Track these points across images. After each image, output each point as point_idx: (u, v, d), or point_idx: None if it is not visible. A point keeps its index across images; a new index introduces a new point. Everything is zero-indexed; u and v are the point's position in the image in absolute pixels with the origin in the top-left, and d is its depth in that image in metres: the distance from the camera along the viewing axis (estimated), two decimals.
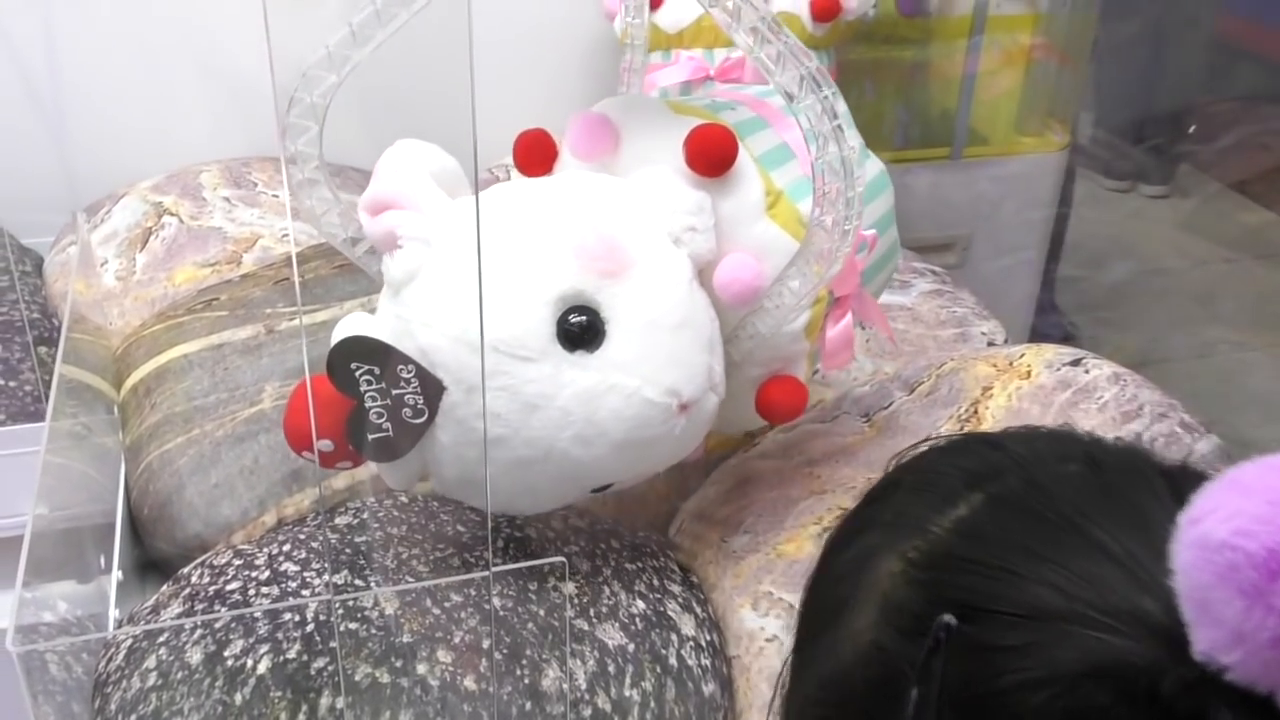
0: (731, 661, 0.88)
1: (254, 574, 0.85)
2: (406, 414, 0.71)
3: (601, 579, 0.88)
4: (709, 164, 0.79)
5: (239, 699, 0.74)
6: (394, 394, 0.71)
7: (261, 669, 0.76)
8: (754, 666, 0.86)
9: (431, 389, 0.71)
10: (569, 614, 0.84)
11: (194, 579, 0.87)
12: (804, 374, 0.88)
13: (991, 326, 1.27)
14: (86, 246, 1.27)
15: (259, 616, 0.79)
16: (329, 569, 0.85)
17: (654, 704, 0.81)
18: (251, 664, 0.76)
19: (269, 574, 0.85)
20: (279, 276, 1.21)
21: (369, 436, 0.71)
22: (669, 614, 0.87)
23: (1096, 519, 0.39)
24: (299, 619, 0.79)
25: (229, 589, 0.84)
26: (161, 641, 0.79)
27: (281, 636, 0.78)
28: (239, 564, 0.87)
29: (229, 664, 0.76)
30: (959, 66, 1.68)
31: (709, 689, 0.84)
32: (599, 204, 0.78)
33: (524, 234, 0.75)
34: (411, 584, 0.83)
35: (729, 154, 0.79)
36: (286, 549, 0.88)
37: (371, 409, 0.71)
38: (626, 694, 0.81)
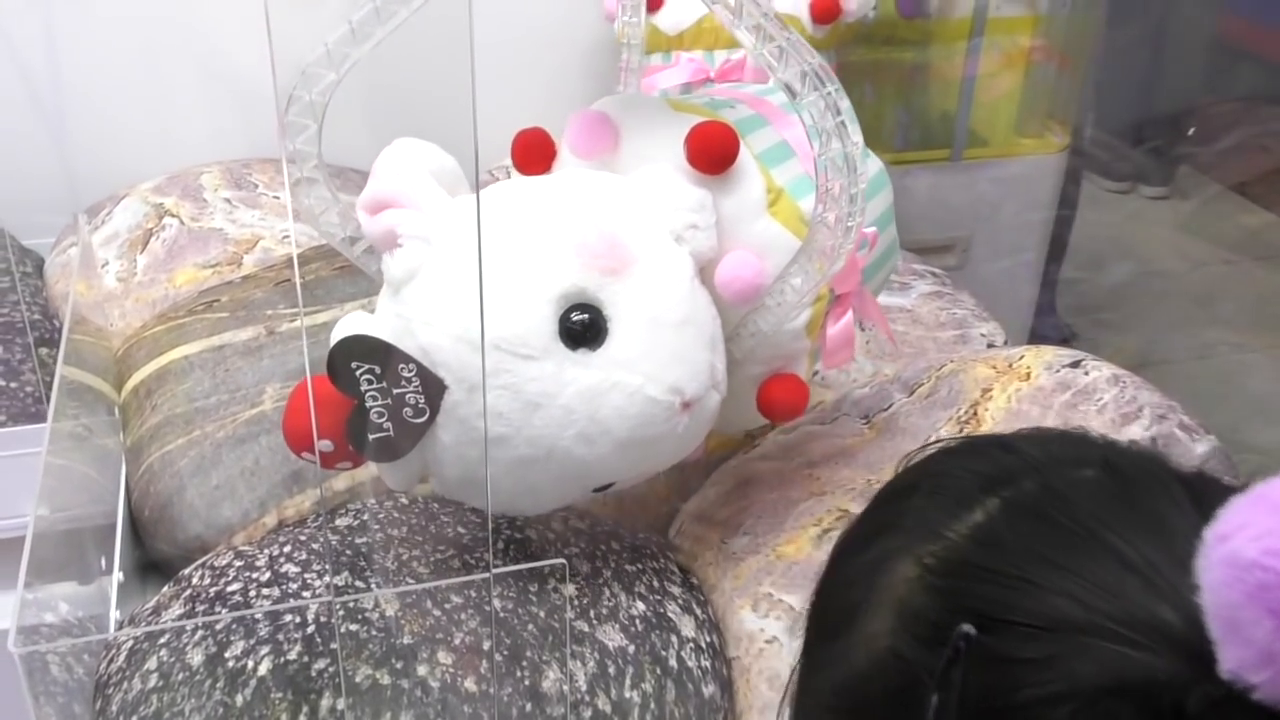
0: (731, 663, 0.88)
1: (255, 575, 0.85)
2: (407, 413, 0.71)
3: (602, 580, 0.88)
4: (710, 161, 0.79)
5: (240, 700, 0.74)
6: (395, 393, 0.70)
7: (262, 670, 0.76)
8: (754, 668, 0.86)
9: (433, 388, 0.71)
10: (569, 615, 0.84)
11: (195, 580, 0.87)
12: (805, 372, 0.87)
13: (991, 328, 1.27)
14: (87, 248, 1.27)
15: (260, 618, 0.79)
16: (330, 570, 0.85)
17: (654, 705, 0.81)
18: (252, 665, 0.76)
19: (270, 575, 0.85)
20: (280, 278, 1.21)
21: (369, 436, 0.71)
22: (669, 615, 0.87)
23: (1115, 527, 0.39)
24: (300, 620, 0.79)
25: (230, 590, 0.84)
26: (162, 643, 0.79)
27: (282, 638, 0.78)
28: (240, 565, 0.87)
29: (230, 665, 0.76)
30: (959, 68, 1.68)
31: (709, 690, 0.84)
32: (600, 202, 0.77)
33: (526, 232, 0.74)
34: (412, 585, 0.83)
35: (730, 151, 0.79)
36: (287, 550, 0.88)
37: (372, 409, 0.70)
38: (627, 695, 0.81)
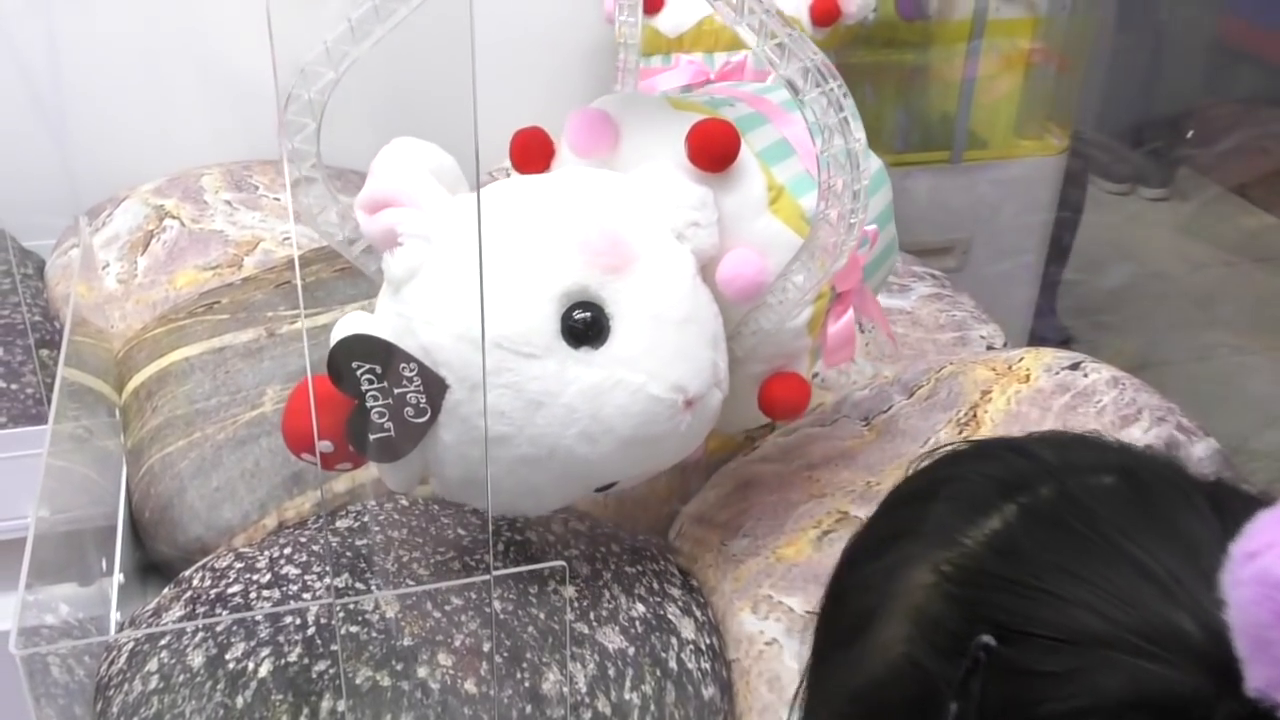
0: (731, 665, 0.88)
1: (255, 577, 0.85)
2: (408, 413, 0.71)
3: (602, 582, 0.88)
4: (712, 159, 0.78)
5: (240, 702, 0.74)
6: (396, 393, 0.70)
7: (263, 672, 0.76)
8: (754, 670, 0.86)
9: (434, 387, 0.70)
10: (569, 617, 0.84)
11: (195, 582, 0.87)
12: (806, 370, 0.87)
13: (990, 330, 1.27)
14: (88, 249, 1.27)
15: (260, 620, 0.79)
16: (330, 572, 0.85)
17: (654, 707, 0.81)
18: (253, 667, 0.76)
19: (270, 577, 0.85)
20: (280, 280, 1.21)
21: (370, 436, 0.71)
22: (669, 617, 0.87)
23: (1136, 537, 0.38)
24: (300, 622, 0.79)
25: (230, 592, 0.84)
26: (163, 644, 0.79)
27: (283, 640, 0.78)
28: (240, 567, 0.87)
29: (230, 667, 0.76)
30: (958, 70, 1.68)
31: (709, 692, 0.84)
32: (602, 200, 0.77)
33: (527, 230, 0.74)
34: (412, 587, 0.83)
35: (732, 149, 0.78)
36: (288, 552, 0.88)
37: (373, 408, 0.70)
38: (626, 697, 0.81)
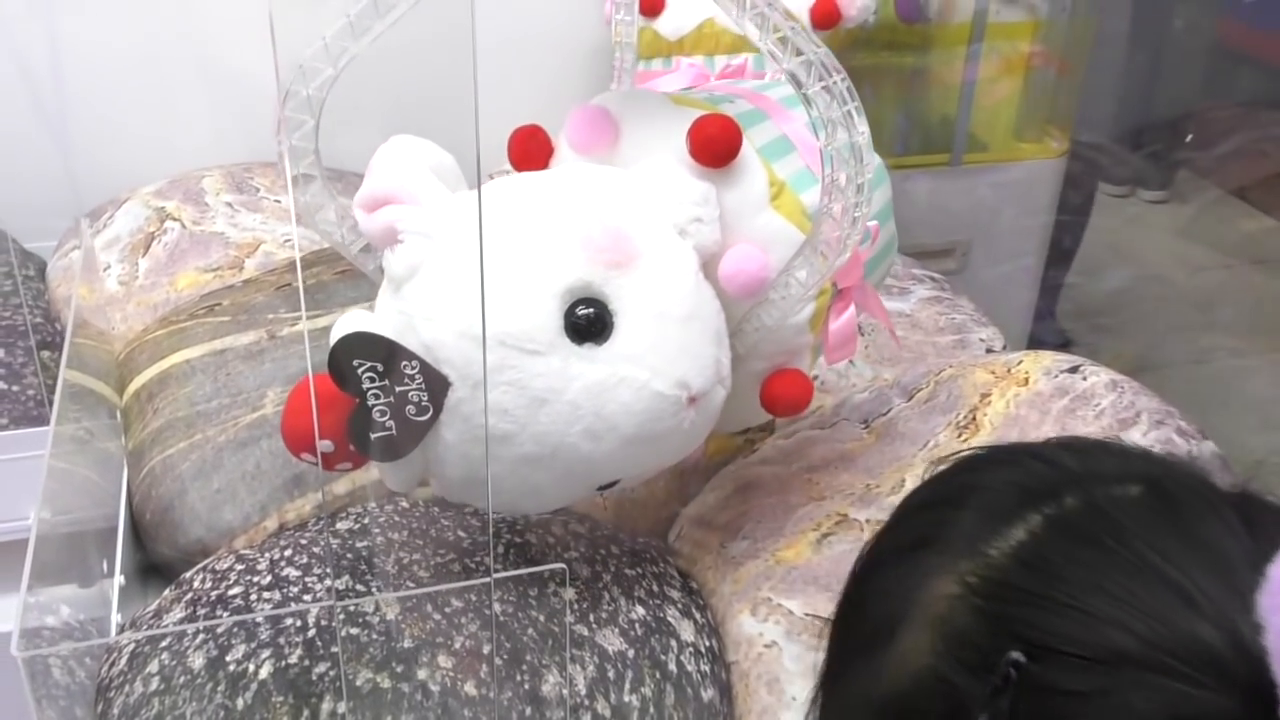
0: (730, 667, 0.88)
1: (256, 579, 0.86)
2: (410, 411, 0.70)
3: (601, 585, 0.88)
4: (713, 155, 0.78)
5: (241, 704, 0.75)
6: (397, 391, 0.69)
7: (263, 674, 0.76)
8: (753, 672, 0.86)
9: (436, 385, 0.70)
10: (569, 619, 0.84)
11: (196, 584, 0.88)
12: (808, 366, 0.87)
13: (990, 333, 1.27)
14: (89, 251, 1.27)
15: (261, 621, 0.79)
16: (331, 574, 0.85)
17: (653, 709, 0.81)
18: (253, 669, 0.76)
19: (271, 579, 0.85)
20: (281, 282, 1.22)
21: (371, 435, 0.70)
22: (668, 620, 0.87)
23: (1166, 552, 0.38)
24: (301, 624, 0.79)
25: (231, 594, 0.84)
26: (164, 646, 0.80)
27: (283, 641, 0.78)
28: (241, 569, 0.87)
29: (231, 669, 0.76)
30: (958, 73, 1.68)
31: (708, 695, 0.85)
32: (604, 196, 0.77)
33: (529, 226, 0.74)
34: (413, 589, 0.83)
35: (733, 144, 0.78)
36: (288, 554, 0.88)
37: (374, 407, 0.69)
38: (626, 699, 0.81)
